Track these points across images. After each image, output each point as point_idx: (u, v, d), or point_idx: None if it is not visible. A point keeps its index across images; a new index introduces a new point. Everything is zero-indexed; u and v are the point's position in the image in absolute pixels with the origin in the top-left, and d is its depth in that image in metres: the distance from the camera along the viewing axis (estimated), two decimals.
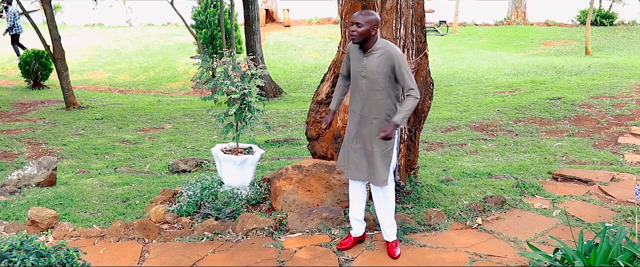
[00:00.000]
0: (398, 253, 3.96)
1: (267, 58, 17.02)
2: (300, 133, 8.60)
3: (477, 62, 16.86)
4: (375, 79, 3.75)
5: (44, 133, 8.94)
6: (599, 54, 17.49)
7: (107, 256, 4.00)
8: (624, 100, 9.73)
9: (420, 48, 4.91)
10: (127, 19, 24.92)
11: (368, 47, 3.78)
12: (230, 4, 14.39)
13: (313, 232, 4.37)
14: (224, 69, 4.89)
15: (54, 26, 11.08)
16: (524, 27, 22.87)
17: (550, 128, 8.42)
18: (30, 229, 4.33)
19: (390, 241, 4.02)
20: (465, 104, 10.61)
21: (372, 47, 3.77)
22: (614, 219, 4.58)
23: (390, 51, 3.74)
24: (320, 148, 5.13)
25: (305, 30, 22.59)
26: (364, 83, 3.79)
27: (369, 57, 3.78)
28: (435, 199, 5.01)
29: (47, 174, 5.86)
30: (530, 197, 5.22)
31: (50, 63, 13.81)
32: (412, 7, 4.75)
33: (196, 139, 8.65)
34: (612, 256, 3.29)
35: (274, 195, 4.81)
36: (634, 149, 7.09)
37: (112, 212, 4.97)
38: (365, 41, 3.75)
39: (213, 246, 4.16)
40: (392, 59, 3.71)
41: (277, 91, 13.31)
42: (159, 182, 5.99)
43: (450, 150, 7.48)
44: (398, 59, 3.71)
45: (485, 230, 4.41)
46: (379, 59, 3.74)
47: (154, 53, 19.46)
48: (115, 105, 12.00)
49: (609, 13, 22.47)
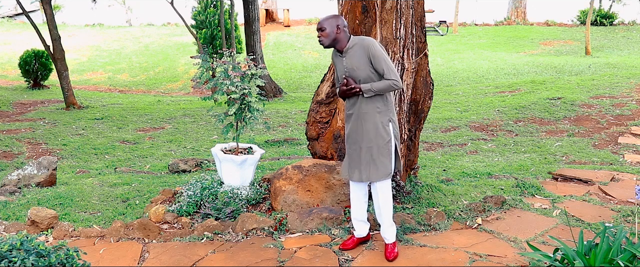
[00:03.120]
0: (394, 255, 3.96)
1: (267, 58, 17.02)
2: (300, 133, 8.60)
3: (477, 62, 16.87)
4: (358, 75, 3.79)
5: (44, 133, 8.94)
6: (599, 54, 17.49)
7: (107, 256, 4.00)
8: (624, 100, 9.73)
9: (420, 48, 4.91)
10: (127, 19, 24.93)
11: (342, 47, 3.85)
12: (230, 4, 14.39)
13: (313, 232, 4.37)
14: (224, 69, 4.89)
15: (54, 26, 11.09)
16: (524, 27, 22.88)
17: (550, 128, 8.42)
18: (30, 229, 4.33)
19: (389, 242, 4.01)
20: (465, 104, 10.61)
21: (347, 46, 3.84)
22: (614, 219, 4.58)
23: (364, 43, 3.80)
24: (320, 148, 5.13)
25: (305, 30, 22.60)
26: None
27: (347, 57, 3.85)
28: (435, 199, 5.01)
29: (47, 174, 5.86)
30: (530, 197, 5.22)
31: (50, 63, 13.82)
32: (412, 7, 4.75)
33: (196, 139, 8.66)
34: (612, 256, 3.29)
35: (274, 195, 4.81)
36: (634, 149, 7.09)
37: (112, 212, 4.97)
38: (336, 43, 3.83)
39: (213, 246, 4.16)
40: (366, 49, 3.76)
41: (277, 91, 13.31)
42: (159, 182, 5.99)
43: (450, 150, 7.48)
44: (372, 48, 3.75)
45: (485, 230, 4.41)
46: (357, 54, 3.80)
47: (154, 53, 19.46)
48: (115, 105, 12.01)
49: (609, 13, 22.49)
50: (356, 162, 3.90)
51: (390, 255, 3.94)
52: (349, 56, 3.83)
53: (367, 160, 3.85)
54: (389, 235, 3.99)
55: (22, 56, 14.02)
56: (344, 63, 3.85)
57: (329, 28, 3.78)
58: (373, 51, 3.74)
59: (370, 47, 3.76)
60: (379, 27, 4.68)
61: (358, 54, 3.79)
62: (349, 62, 3.83)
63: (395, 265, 3.87)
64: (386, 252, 3.97)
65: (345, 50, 3.84)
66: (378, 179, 3.86)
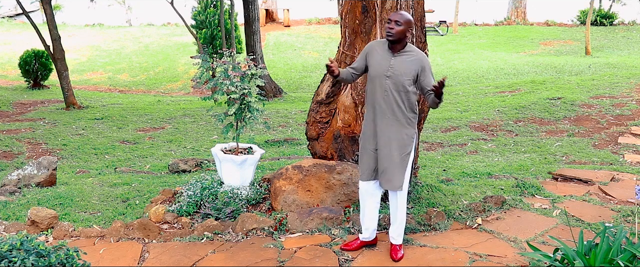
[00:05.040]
0: (400, 256, 3.95)
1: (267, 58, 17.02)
2: (300, 133, 8.60)
3: (477, 62, 16.87)
4: (402, 80, 3.73)
5: (44, 133, 8.94)
6: (599, 54, 17.49)
7: (107, 256, 4.00)
8: (624, 100, 9.73)
9: (420, 48, 4.91)
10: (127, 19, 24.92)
11: (400, 48, 3.77)
12: (230, 4, 14.39)
13: (313, 232, 4.37)
14: (223, 69, 4.89)
15: (54, 26, 11.08)
16: (524, 27, 22.87)
17: (550, 128, 8.42)
18: (30, 229, 4.33)
19: (395, 243, 4.00)
20: (465, 104, 10.61)
21: (404, 49, 3.77)
22: (614, 219, 4.58)
23: (420, 55, 3.79)
24: (320, 148, 5.13)
25: (305, 30, 22.60)
26: (389, 84, 3.75)
27: (398, 58, 3.76)
28: (435, 199, 5.00)
29: (47, 174, 5.86)
30: (530, 197, 5.22)
31: (50, 63, 13.82)
32: (412, 7, 4.75)
33: (196, 139, 8.66)
34: (612, 256, 3.29)
35: (274, 195, 4.81)
36: (634, 149, 7.09)
37: (112, 212, 4.97)
38: (399, 41, 3.75)
39: (213, 246, 4.16)
40: (422, 62, 3.75)
41: (277, 91, 13.31)
42: (159, 182, 5.99)
43: (450, 150, 7.48)
44: (428, 63, 3.78)
45: (485, 230, 4.41)
46: (410, 62, 3.74)
47: (154, 53, 19.46)
48: (115, 105, 12.01)
49: (609, 13, 22.48)
50: (369, 160, 3.86)
51: (396, 255, 3.93)
52: (400, 59, 3.76)
53: (382, 167, 3.81)
54: (398, 236, 3.98)
55: (22, 56, 14.01)
56: (391, 62, 3.76)
57: (405, 25, 3.70)
58: (428, 65, 3.77)
59: (426, 61, 3.77)
60: (379, 27, 4.68)
61: (412, 62, 3.74)
62: (398, 64, 3.75)
63: (395, 265, 3.87)
64: (392, 252, 3.96)
65: (401, 51, 3.78)
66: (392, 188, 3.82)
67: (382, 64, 3.78)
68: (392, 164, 3.77)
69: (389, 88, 3.75)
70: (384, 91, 3.76)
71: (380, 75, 3.78)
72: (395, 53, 3.77)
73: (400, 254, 3.96)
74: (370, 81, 3.87)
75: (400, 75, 3.72)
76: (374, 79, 3.82)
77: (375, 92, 3.81)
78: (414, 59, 3.75)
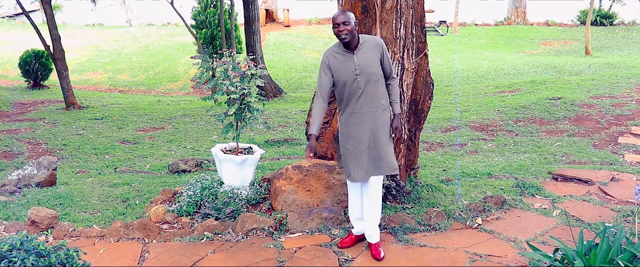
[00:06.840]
0: (382, 255, 3.95)
1: (267, 58, 17.02)
2: (300, 133, 8.60)
3: (477, 62, 16.87)
4: (371, 71, 3.77)
5: (44, 133, 8.94)
6: (599, 54, 17.50)
7: (107, 256, 4.00)
8: (624, 100, 9.73)
9: (420, 48, 4.91)
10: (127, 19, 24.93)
11: (356, 44, 3.80)
12: (230, 4, 14.39)
13: (313, 232, 4.37)
14: (223, 69, 4.89)
15: (54, 26, 11.08)
16: (524, 27, 22.88)
17: (550, 128, 8.42)
18: (30, 229, 4.33)
19: (374, 242, 4.01)
20: (465, 104, 10.61)
21: (359, 43, 3.81)
22: (614, 219, 4.58)
23: (375, 40, 3.84)
24: (320, 148, 5.13)
25: (305, 30, 22.60)
26: (361, 81, 3.77)
27: (359, 54, 3.80)
28: (435, 199, 5.01)
29: (47, 174, 5.86)
30: (530, 197, 5.22)
31: (50, 63, 13.82)
32: (412, 7, 4.75)
33: (196, 139, 8.66)
34: (612, 256, 3.29)
35: (274, 195, 4.81)
36: (634, 149, 7.09)
37: (112, 212, 4.97)
38: (354, 38, 3.78)
39: (213, 246, 4.16)
40: (379, 46, 3.81)
41: (277, 91, 13.31)
42: (159, 182, 5.99)
43: (450, 150, 7.48)
44: (384, 45, 3.85)
45: (485, 230, 4.41)
46: (371, 51, 3.79)
47: (154, 53, 19.47)
48: (115, 105, 12.01)
49: (609, 13, 22.48)
50: (359, 161, 3.88)
51: (378, 254, 3.94)
52: (361, 53, 3.79)
53: (373, 156, 3.85)
54: (375, 234, 4.00)
55: (22, 56, 14.02)
56: (356, 61, 3.78)
57: (352, 22, 3.71)
58: (385, 47, 3.83)
59: (382, 44, 3.82)
60: (379, 27, 4.68)
61: (370, 51, 3.77)
62: (361, 59, 3.77)
63: (395, 265, 3.87)
64: (373, 252, 3.96)
65: (358, 46, 3.80)
66: (384, 172, 3.88)
67: (348, 67, 3.80)
68: (383, 149, 3.85)
69: (363, 85, 3.78)
70: (359, 89, 3.80)
71: (350, 76, 3.79)
72: (355, 50, 3.81)
73: (381, 251, 3.95)
74: (340, 87, 3.87)
75: (369, 67, 3.77)
76: (344, 83, 3.83)
77: (350, 95, 3.83)
78: (372, 46, 3.80)
